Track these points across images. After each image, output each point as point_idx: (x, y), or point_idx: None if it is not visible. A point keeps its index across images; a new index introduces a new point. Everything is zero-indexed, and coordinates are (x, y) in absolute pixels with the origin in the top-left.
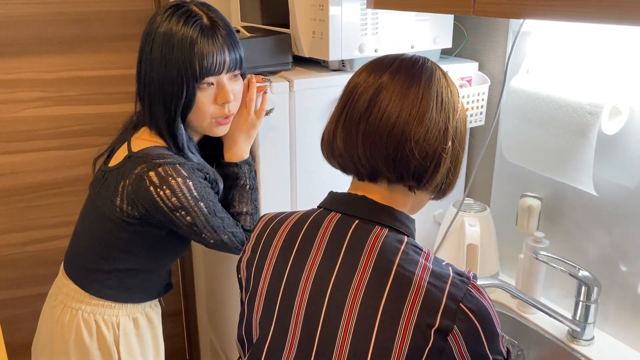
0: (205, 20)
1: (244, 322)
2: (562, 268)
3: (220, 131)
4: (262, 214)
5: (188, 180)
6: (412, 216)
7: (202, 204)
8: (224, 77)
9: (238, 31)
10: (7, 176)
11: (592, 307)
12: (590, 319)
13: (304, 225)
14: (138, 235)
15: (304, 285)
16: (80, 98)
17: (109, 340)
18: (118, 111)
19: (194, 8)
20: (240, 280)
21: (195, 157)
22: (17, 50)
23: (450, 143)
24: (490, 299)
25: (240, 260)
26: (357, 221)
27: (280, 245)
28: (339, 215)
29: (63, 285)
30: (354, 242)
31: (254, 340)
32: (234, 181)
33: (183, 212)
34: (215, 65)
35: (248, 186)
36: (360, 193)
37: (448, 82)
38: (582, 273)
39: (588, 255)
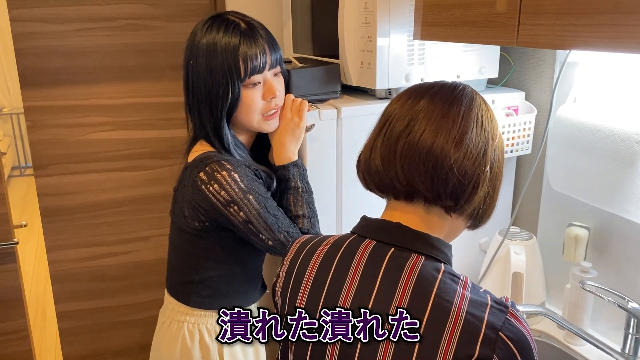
0: (243, 25)
1: (280, 344)
2: (610, 299)
3: (270, 126)
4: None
5: (233, 173)
6: (454, 242)
7: (250, 196)
8: (268, 75)
9: (290, 62)
10: (73, 195)
11: None
12: None
13: (338, 252)
14: (215, 241)
15: None
16: (142, 123)
17: (211, 348)
18: (176, 136)
19: (230, 17)
20: (275, 303)
21: (244, 154)
22: (86, 78)
23: (489, 167)
24: (529, 327)
25: (275, 284)
26: (392, 249)
27: (315, 272)
28: (373, 242)
29: (168, 302)
30: (390, 271)
31: None
32: (285, 184)
33: (235, 207)
34: (260, 64)
35: (300, 188)
36: (395, 219)
37: (488, 108)
38: (632, 304)
39: (638, 287)
